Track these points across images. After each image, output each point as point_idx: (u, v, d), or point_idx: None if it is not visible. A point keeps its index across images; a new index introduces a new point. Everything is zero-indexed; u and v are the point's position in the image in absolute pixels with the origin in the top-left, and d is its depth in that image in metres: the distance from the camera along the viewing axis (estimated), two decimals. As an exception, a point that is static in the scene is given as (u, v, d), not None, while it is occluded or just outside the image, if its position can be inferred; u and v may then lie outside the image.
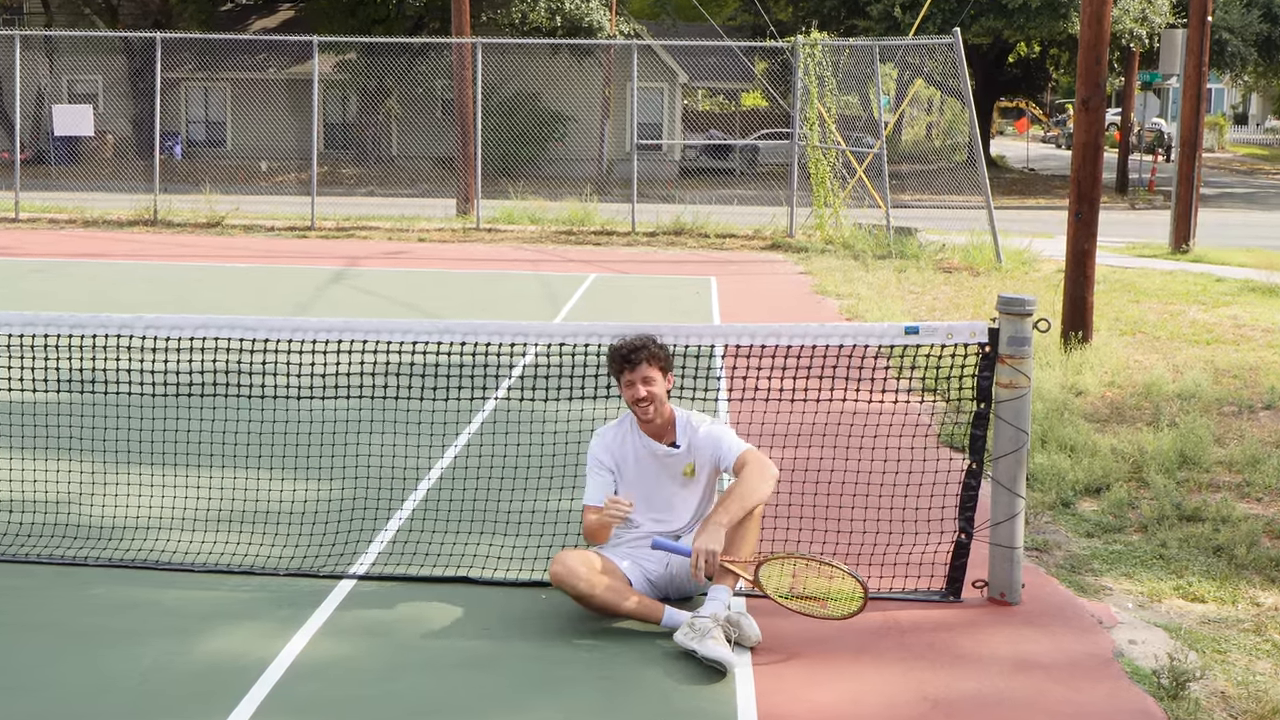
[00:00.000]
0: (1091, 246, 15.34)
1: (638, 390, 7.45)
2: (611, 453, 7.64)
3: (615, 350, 7.55)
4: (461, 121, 32.66)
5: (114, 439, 9.72)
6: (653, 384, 7.46)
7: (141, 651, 6.89)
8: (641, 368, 7.45)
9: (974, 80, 45.43)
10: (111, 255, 25.16)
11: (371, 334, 8.05)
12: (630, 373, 7.46)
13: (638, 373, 7.45)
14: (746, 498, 7.18)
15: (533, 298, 20.37)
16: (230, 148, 53.10)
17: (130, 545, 8.44)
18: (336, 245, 27.65)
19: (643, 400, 7.45)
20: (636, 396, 7.45)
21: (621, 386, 7.53)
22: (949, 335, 7.72)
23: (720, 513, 7.10)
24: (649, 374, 7.46)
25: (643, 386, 7.44)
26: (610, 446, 7.65)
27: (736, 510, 7.13)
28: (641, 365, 7.45)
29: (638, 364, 7.45)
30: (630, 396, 7.48)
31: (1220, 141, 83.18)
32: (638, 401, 7.46)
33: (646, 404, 7.45)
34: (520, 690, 6.51)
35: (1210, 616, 7.67)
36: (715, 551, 6.95)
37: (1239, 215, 41.55)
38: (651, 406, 7.46)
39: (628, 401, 7.52)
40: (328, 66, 47.61)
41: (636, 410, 7.50)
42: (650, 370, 7.46)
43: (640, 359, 7.46)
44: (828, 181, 29.33)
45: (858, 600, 7.08)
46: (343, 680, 6.60)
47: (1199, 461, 10.62)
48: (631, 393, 7.47)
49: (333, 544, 8.45)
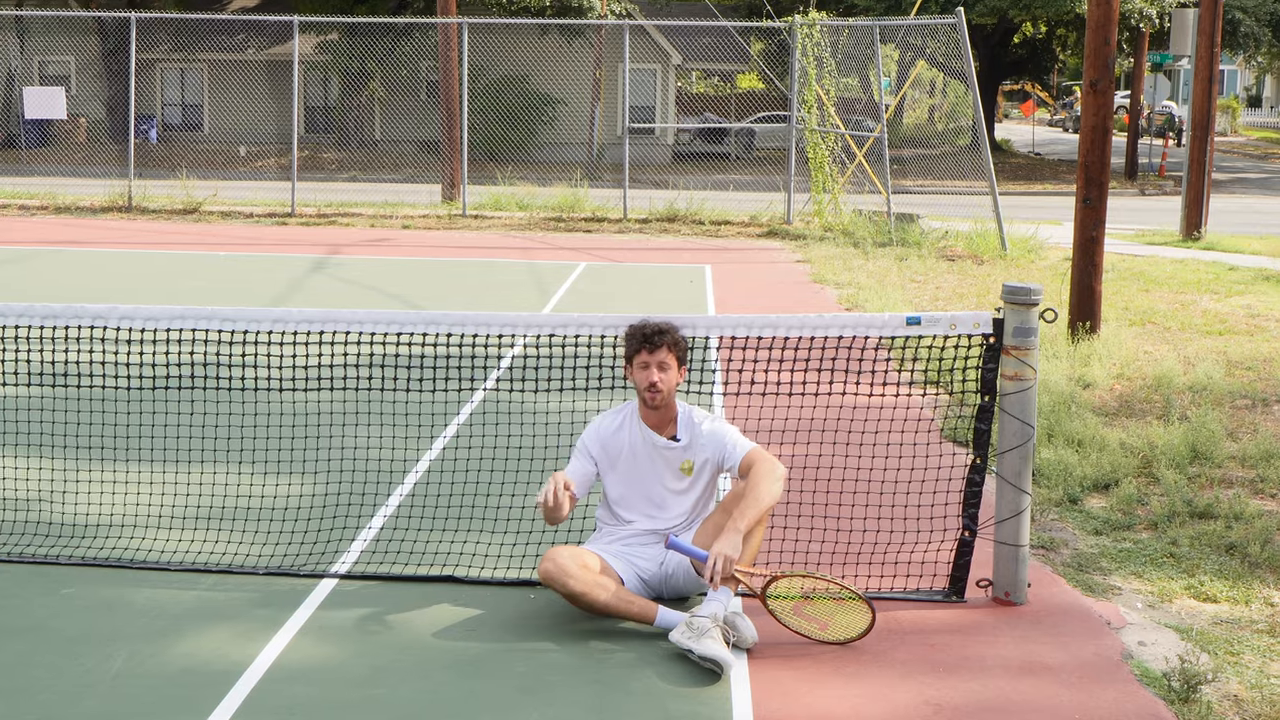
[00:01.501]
0: (1100, 234, 15.34)
1: (652, 374, 7.41)
2: (603, 442, 7.62)
3: (637, 329, 7.51)
4: (447, 104, 32.62)
5: (88, 434, 9.70)
6: (667, 370, 7.44)
7: (114, 654, 6.87)
8: (661, 352, 7.42)
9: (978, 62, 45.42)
10: (85, 243, 25.12)
11: (354, 325, 8.04)
12: (649, 354, 7.42)
13: (656, 355, 7.42)
14: (760, 502, 7.16)
15: (521, 287, 20.34)
16: (207, 131, 53.04)
17: (104, 543, 8.43)
18: (318, 233, 27.61)
19: (654, 385, 7.42)
20: (650, 380, 7.42)
21: (633, 368, 7.49)
22: (952, 326, 7.72)
23: (739, 518, 7.08)
24: (666, 360, 7.43)
25: (658, 371, 7.41)
26: (603, 435, 7.63)
27: (753, 515, 7.11)
28: (662, 349, 7.42)
29: (659, 347, 7.42)
30: (643, 379, 7.44)
31: (1233, 125, 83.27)
32: (650, 386, 7.43)
33: (657, 391, 7.44)
34: (508, 694, 6.51)
35: (1223, 617, 7.68)
36: (733, 558, 6.94)
37: (1252, 201, 41.59)
38: (660, 395, 7.45)
39: (638, 384, 7.48)
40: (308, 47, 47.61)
41: (646, 395, 7.47)
42: (669, 357, 7.44)
43: (663, 342, 7.43)
44: (826, 166, 29.31)
45: (857, 630, 7.10)
46: (324, 684, 6.59)
47: (1211, 456, 10.62)
48: (645, 375, 7.43)
49: (314, 542, 8.44)
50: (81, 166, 39.85)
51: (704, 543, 7.19)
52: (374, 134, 52.41)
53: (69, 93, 44.67)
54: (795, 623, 7.17)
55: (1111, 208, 16.31)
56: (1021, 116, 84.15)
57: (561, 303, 18.68)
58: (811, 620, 7.17)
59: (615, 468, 7.60)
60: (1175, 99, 67.26)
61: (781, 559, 8.17)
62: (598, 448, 7.61)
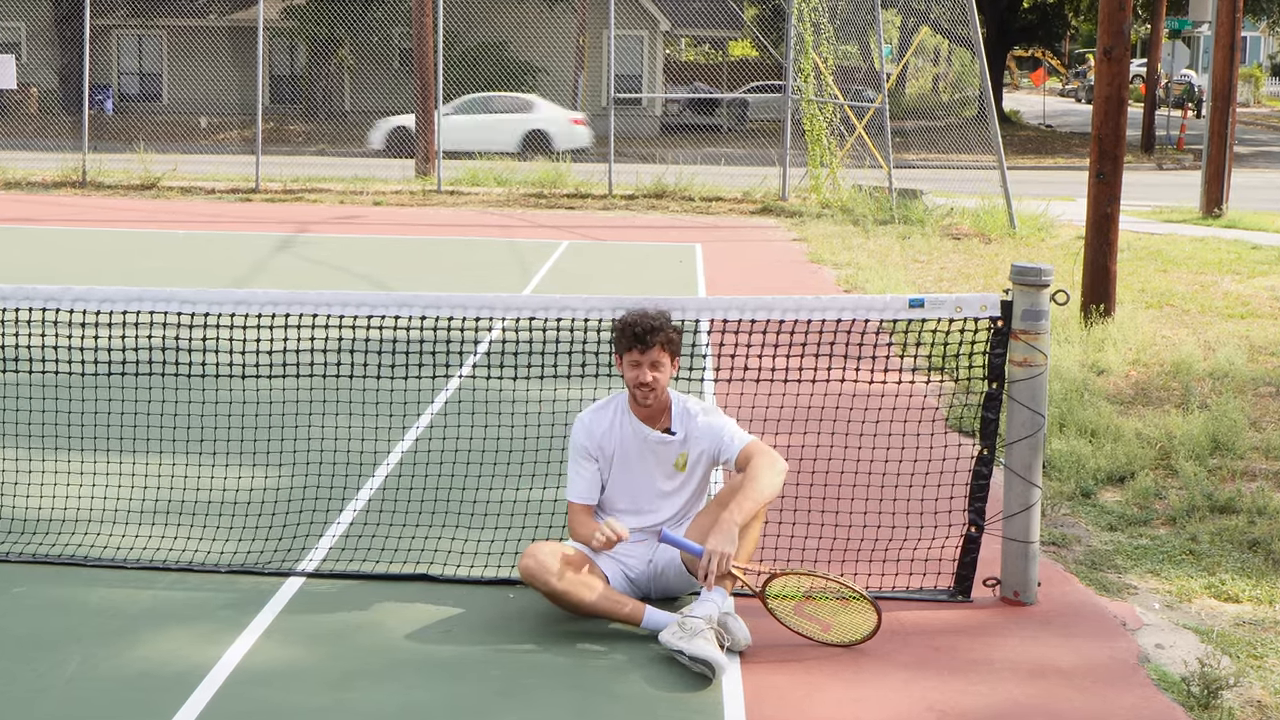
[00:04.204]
0: (1114, 210, 15.35)
1: (643, 373, 7.37)
2: (597, 440, 7.59)
3: (628, 325, 7.42)
4: (421, 73, 32.59)
5: (40, 423, 9.68)
6: (660, 369, 7.39)
7: (68, 656, 6.86)
8: (654, 351, 7.36)
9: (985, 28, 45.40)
10: (36, 220, 25.07)
11: (322, 307, 8.02)
12: (640, 353, 7.37)
13: (648, 355, 7.36)
14: (759, 495, 7.16)
15: (499, 267, 20.34)
16: (166, 102, 52.95)
17: (56, 539, 8.42)
18: (283, 209, 27.58)
19: (645, 385, 7.40)
20: (640, 380, 7.37)
21: (623, 364, 7.45)
22: (957, 308, 7.71)
23: (734, 511, 7.07)
24: (659, 358, 7.37)
25: (650, 371, 7.36)
26: (595, 433, 7.60)
27: (749, 509, 7.11)
28: (655, 348, 7.36)
29: (651, 346, 7.35)
30: (633, 378, 7.40)
31: (1256, 95, 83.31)
32: (640, 385, 7.41)
33: (648, 390, 7.41)
34: (486, 699, 6.51)
35: (1245, 618, 7.69)
36: (729, 555, 6.94)
37: (1276, 176, 41.64)
38: (653, 394, 7.42)
39: (629, 382, 7.45)
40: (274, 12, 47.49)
41: (636, 393, 7.45)
42: (661, 355, 7.38)
43: (655, 341, 7.35)
44: (824, 139, 29.32)
45: (863, 633, 7.10)
46: (290, 688, 6.58)
47: (1232, 447, 10.63)
48: (635, 374, 7.39)
49: (279, 538, 8.43)
50: (32, 139, 39.77)
51: (698, 538, 7.17)
52: (343, 105, 52.35)
53: (19, 61, 44.49)
54: (796, 623, 7.17)
55: (1127, 183, 16.30)
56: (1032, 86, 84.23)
57: (542, 284, 18.67)
58: (814, 621, 7.17)
59: (611, 465, 7.59)
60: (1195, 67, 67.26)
61: (777, 557, 8.17)
62: (595, 446, 7.58)
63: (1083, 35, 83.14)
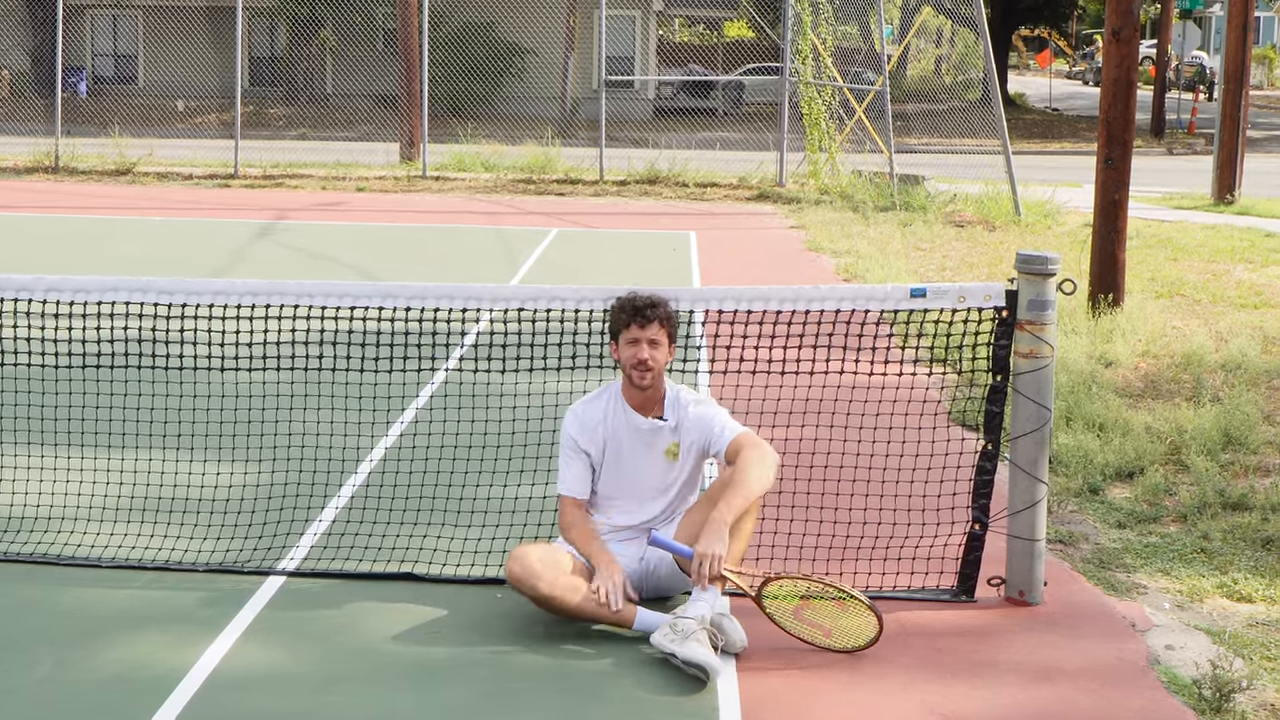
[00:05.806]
0: (1123, 197, 15.35)
1: (641, 350, 7.38)
2: (589, 433, 7.59)
3: (627, 301, 7.47)
4: (405, 55, 32.56)
5: (10, 417, 9.68)
6: (659, 347, 7.42)
7: (40, 659, 6.86)
8: (653, 327, 7.39)
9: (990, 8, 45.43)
10: (7, 207, 25.04)
11: (303, 297, 8.03)
12: (641, 329, 7.39)
13: (648, 331, 7.39)
14: (748, 491, 7.15)
15: (487, 256, 20.33)
16: (142, 84, 52.87)
17: (27, 538, 8.41)
18: (263, 195, 27.57)
19: (644, 363, 7.39)
20: (639, 357, 7.38)
21: (620, 344, 7.47)
22: (961, 298, 7.72)
23: (725, 509, 7.06)
24: (658, 336, 7.41)
25: (648, 348, 7.38)
26: (588, 426, 7.60)
27: (739, 505, 7.10)
28: (654, 325, 7.39)
29: (650, 321, 7.39)
30: (631, 356, 7.41)
31: (1270, 77, 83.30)
32: (639, 364, 7.41)
33: (647, 369, 7.41)
34: (472, 702, 6.51)
35: (1259, 618, 7.69)
36: (720, 556, 6.94)
37: (1290, 162, 41.67)
38: (650, 374, 7.42)
39: (625, 362, 7.45)
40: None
41: (634, 374, 7.44)
42: (661, 333, 7.42)
43: (655, 316, 7.39)
44: (823, 123, 29.32)
45: (866, 638, 7.10)
46: (271, 692, 6.58)
47: (1245, 442, 10.64)
48: (634, 351, 7.40)
49: (259, 536, 8.43)
50: (3, 123, 39.72)
51: (688, 536, 7.17)
52: (325, 87, 52.28)
53: (-11, 42, 44.47)
54: (796, 627, 7.16)
55: (1136, 168, 16.31)
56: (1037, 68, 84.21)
57: (531, 273, 18.67)
58: (814, 625, 7.16)
59: (605, 459, 7.58)
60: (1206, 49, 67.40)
61: (774, 555, 8.17)
62: (586, 439, 7.58)
63: (1090, 15, 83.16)
